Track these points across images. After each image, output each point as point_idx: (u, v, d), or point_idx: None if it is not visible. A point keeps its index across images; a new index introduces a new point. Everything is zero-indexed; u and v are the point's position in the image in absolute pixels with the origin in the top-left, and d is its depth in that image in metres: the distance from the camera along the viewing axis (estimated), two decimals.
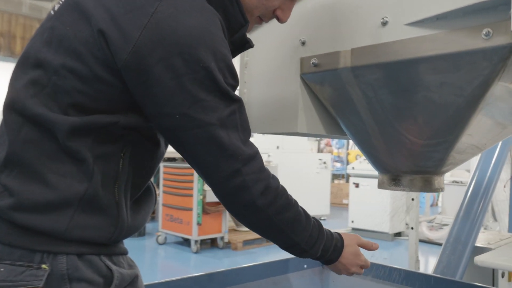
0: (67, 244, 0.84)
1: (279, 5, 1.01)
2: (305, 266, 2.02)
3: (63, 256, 0.84)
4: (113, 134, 0.88)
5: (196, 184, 5.48)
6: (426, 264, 5.50)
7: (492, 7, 0.87)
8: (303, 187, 7.65)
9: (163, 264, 5.44)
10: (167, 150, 1.06)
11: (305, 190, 7.59)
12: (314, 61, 1.16)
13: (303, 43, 1.21)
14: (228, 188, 0.90)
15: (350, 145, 13.62)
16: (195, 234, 5.49)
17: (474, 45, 0.88)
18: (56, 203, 0.84)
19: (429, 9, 0.94)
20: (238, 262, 5.13)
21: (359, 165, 6.92)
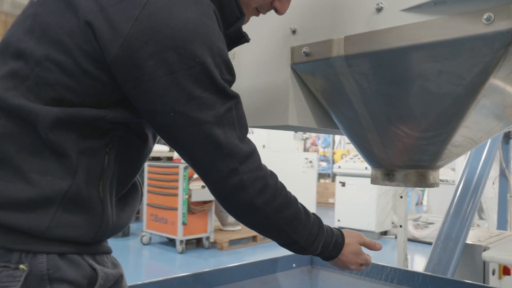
0: (48, 243, 0.80)
1: None
2: (294, 265, 1.97)
3: (43, 255, 0.79)
4: (99, 128, 0.83)
5: (181, 183, 5.42)
6: (411, 262, 5.51)
7: None
8: (289, 186, 7.54)
9: (147, 264, 5.37)
10: (151, 152, 1.01)
11: (291, 189, 7.44)
12: (305, 50, 1.11)
13: (294, 31, 1.16)
14: (225, 187, 0.87)
15: (336, 144, 13.65)
16: (180, 234, 5.43)
17: (474, 30, 0.84)
18: (37, 200, 0.79)
19: None
20: (224, 262, 5.08)
21: (345, 164, 6.92)
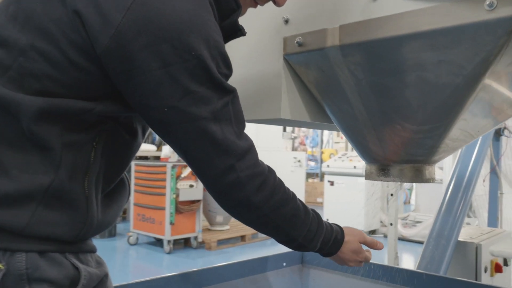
0: (27, 240, 0.75)
1: None
2: (284, 264, 1.94)
3: (22, 254, 0.74)
4: (86, 121, 0.79)
5: (169, 182, 5.35)
6: (400, 261, 5.52)
7: None
8: None
9: (134, 265, 5.29)
10: (139, 148, 0.97)
11: None
12: (298, 40, 1.07)
13: (287, 21, 1.12)
14: (221, 185, 0.85)
15: (324, 144, 13.67)
16: (167, 234, 5.37)
17: (476, 17, 0.81)
18: (16, 196, 0.74)
19: None
20: (212, 262, 5.03)
21: (334, 163, 6.91)
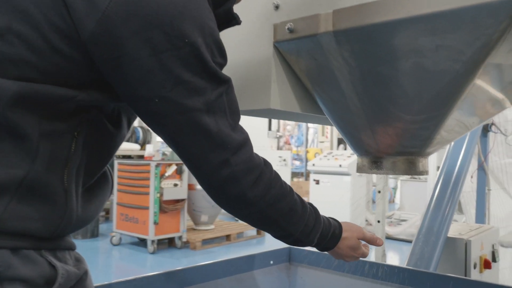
0: None
1: None
2: (271, 262, 1.89)
3: None
4: (67, 109, 0.73)
5: (152, 181, 5.26)
6: (386, 259, 5.52)
7: None
8: None
9: (117, 266, 5.19)
10: (122, 147, 0.90)
11: None
12: (289, 26, 1.02)
13: (277, 6, 1.07)
14: (216, 180, 0.81)
15: (309, 143, 13.68)
16: (151, 233, 5.28)
17: None
18: None
19: None
20: (197, 262, 4.93)
21: (320, 161, 6.90)
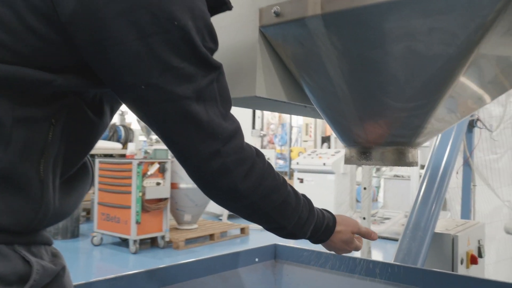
0: None
1: None
2: (257, 259, 1.84)
3: None
4: (43, 94, 0.68)
5: (134, 180, 5.18)
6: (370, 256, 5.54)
7: None
8: None
9: (99, 266, 5.09)
10: (102, 146, 0.85)
11: None
12: (276, 9, 0.98)
13: None
14: (206, 172, 0.77)
15: (292, 142, 13.69)
16: (133, 233, 5.20)
17: None
18: None
19: None
20: (180, 261, 4.89)
21: (304, 160, 6.89)
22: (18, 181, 0.67)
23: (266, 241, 1.92)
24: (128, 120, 9.26)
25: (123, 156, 6.80)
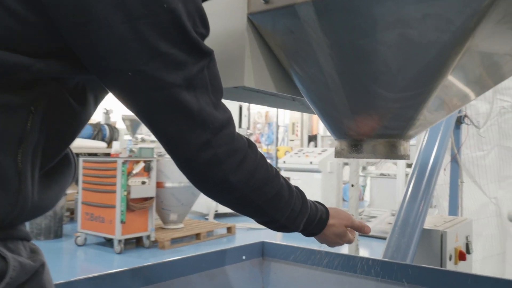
0: None
1: None
2: (244, 257, 1.81)
3: None
4: (21, 80, 0.64)
5: (119, 179, 5.10)
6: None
7: None
8: None
9: (83, 267, 5.01)
10: (86, 145, 0.81)
11: None
12: None
13: None
14: (196, 163, 0.74)
15: (279, 142, 13.68)
16: (118, 233, 5.12)
17: None
18: None
19: None
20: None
21: (290, 159, 6.88)
22: None
23: (253, 240, 1.89)
24: (113, 119, 9.15)
25: (107, 155, 6.71)
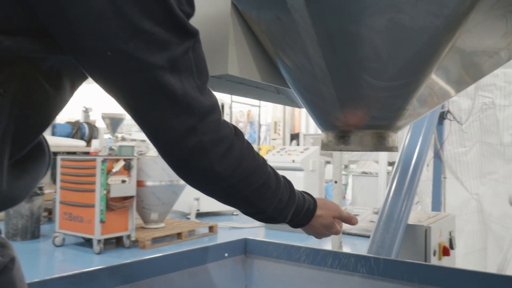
0: None
1: None
2: (226, 255, 1.77)
3: None
4: None
5: (98, 177, 5.00)
6: None
7: None
8: None
9: (61, 268, 4.89)
10: (64, 143, 0.75)
11: None
12: None
13: None
14: (180, 151, 0.70)
15: (261, 141, 13.66)
16: (97, 233, 5.03)
17: None
18: None
19: None
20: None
21: (273, 157, 6.85)
22: None
23: (236, 235, 1.85)
24: (92, 117, 8.99)
25: (86, 154, 6.59)
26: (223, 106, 8.32)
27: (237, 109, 12.70)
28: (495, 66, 1.00)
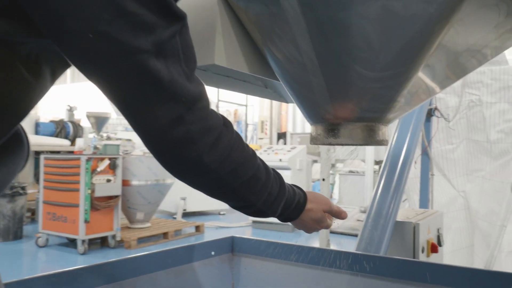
0: None
1: None
2: (213, 253, 1.73)
3: None
4: None
5: (83, 177, 4.92)
6: None
7: None
8: None
9: (44, 269, 4.79)
10: (48, 142, 0.71)
11: None
12: None
13: None
14: (166, 141, 0.67)
15: (248, 140, 13.63)
16: (82, 233, 4.94)
17: None
18: None
19: None
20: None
21: (260, 156, 6.82)
22: None
23: (222, 234, 1.82)
24: (77, 116, 8.87)
25: (71, 153, 6.49)
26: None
27: (223, 108, 12.66)
28: (483, 60, 0.99)
